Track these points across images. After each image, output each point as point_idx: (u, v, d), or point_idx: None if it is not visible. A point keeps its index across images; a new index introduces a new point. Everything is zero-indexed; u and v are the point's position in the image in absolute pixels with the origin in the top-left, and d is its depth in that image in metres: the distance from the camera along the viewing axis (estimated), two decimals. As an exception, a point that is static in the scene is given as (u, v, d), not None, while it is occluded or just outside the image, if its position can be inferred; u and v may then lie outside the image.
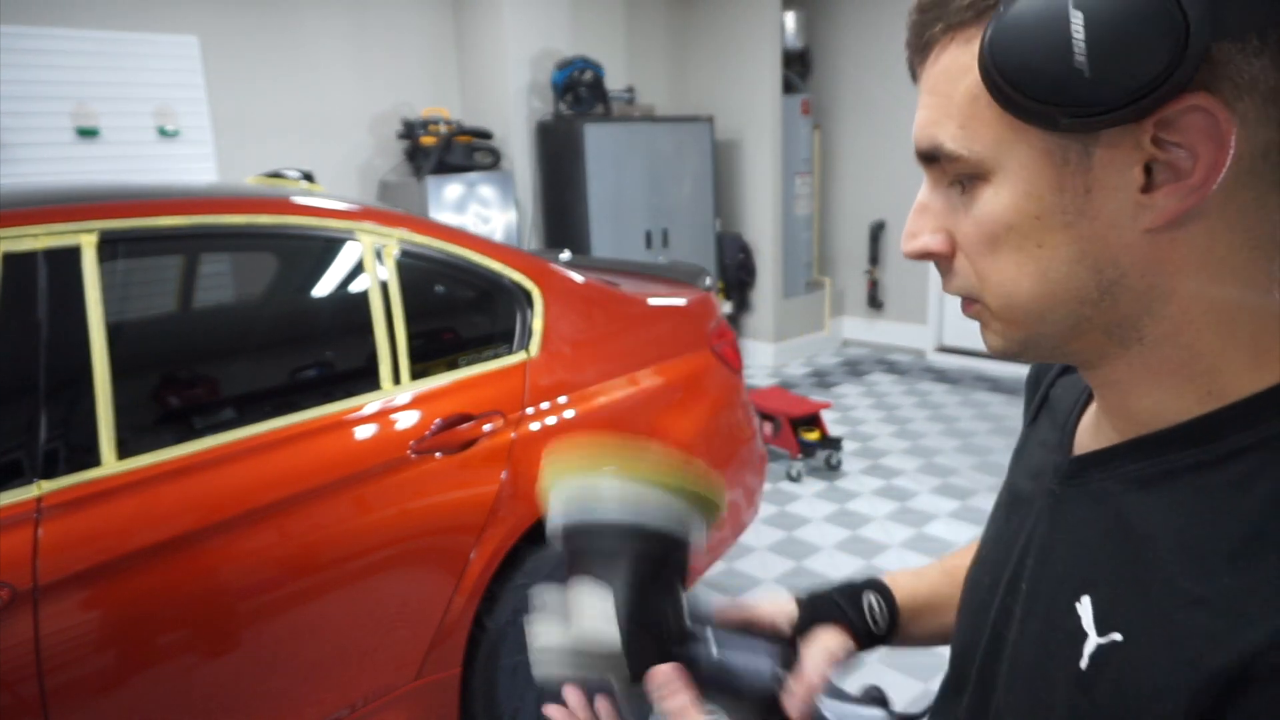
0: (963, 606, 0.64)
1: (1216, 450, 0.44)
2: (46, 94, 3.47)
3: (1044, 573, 0.52)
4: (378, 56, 4.44)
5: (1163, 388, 0.47)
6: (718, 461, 2.24)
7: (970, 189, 0.46)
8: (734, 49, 5.40)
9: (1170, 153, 0.41)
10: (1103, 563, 0.47)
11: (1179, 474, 0.45)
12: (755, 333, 5.75)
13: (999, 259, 0.46)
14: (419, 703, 1.72)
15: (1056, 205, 0.43)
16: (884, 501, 3.52)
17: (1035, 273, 0.45)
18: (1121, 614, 0.44)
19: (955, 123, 0.44)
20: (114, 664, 1.32)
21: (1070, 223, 0.43)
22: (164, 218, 1.46)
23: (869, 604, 0.72)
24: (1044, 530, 0.54)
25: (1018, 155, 0.43)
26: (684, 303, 2.28)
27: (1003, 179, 0.44)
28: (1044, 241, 0.44)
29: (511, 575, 1.81)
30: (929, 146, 0.46)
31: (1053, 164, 0.43)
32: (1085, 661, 0.45)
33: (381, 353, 1.68)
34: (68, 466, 1.30)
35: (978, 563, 0.64)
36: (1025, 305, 0.46)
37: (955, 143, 0.44)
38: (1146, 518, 0.46)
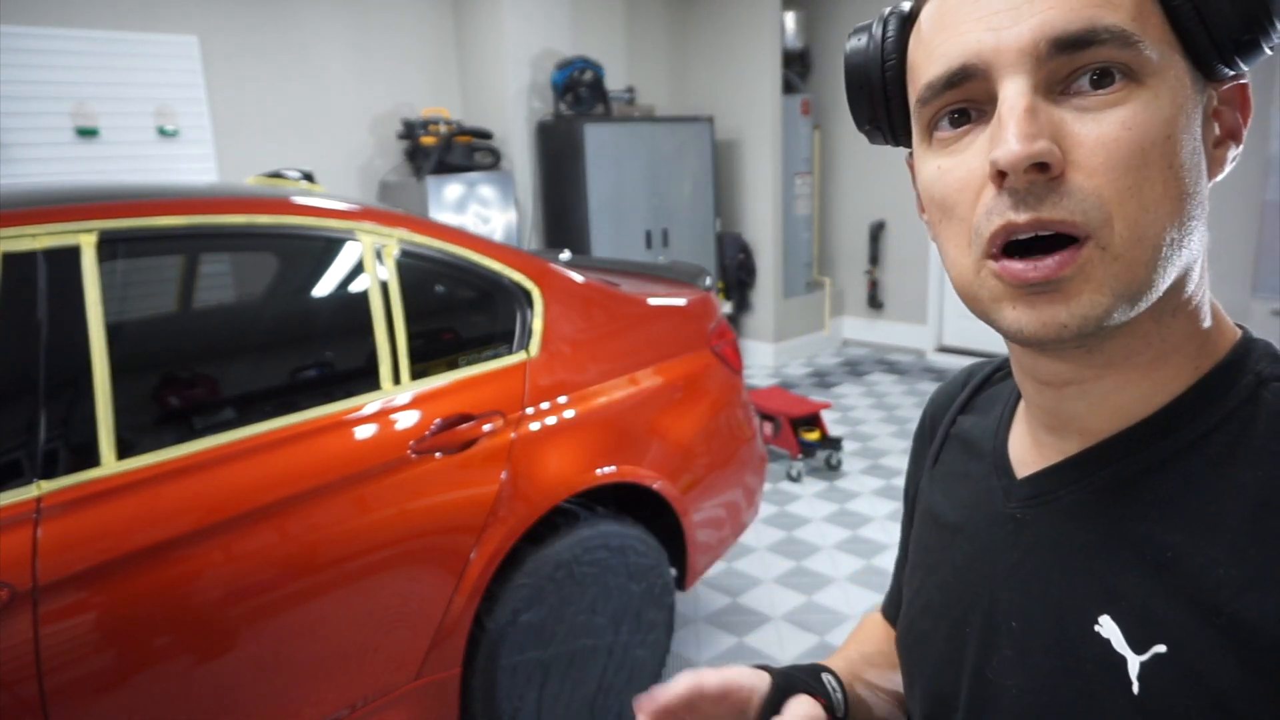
0: (916, 665, 0.59)
1: (1184, 437, 0.44)
2: (46, 94, 3.47)
3: (1032, 603, 0.49)
4: (378, 57, 4.44)
5: (1167, 369, 0.46)
6: (717, 461, 2.24)
7: (1118, 89, 0.41)
8: (734, 49, 5.40)
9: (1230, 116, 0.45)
10: (1110, 577, 0.45)
11: (1158, 467, 0.45)
12: (755, 333, 5.75)
13: (1148, 175, 0.41)
14: (419, 703, 1.72)
15: (1188, 129, 0.42)
16: (884, 501, 3.52)
17: (1179, 194, 0.41)
18: (1156, 623, 0.42)
19: (1125, 12, 0.41)
20: (114, 664, 1.32)
21: (1192, 151, 0.42)
22: (164, 218, 1.46)
23: (829, 681, 0.65)
24: (1015, 558, 0.50)
25: (1175, 66, 0.42)
26: (684, 303, 2.28)
27: (1161, 84, 0.41)
28: (1184, 163, 0.42)
29: (511, 575, 1.80)
30: (1087, 27, 0.40)
31: (1194, 91, 0.43)
32: (1137, 686, 0.42)
33: (381, 353, 1.68)
34: (67, 466, 1.30)
35: (921, 612, 0.59)
36: (1159, 236, 0.41)
37: (1134, 27, 0.40)
38: (1141, 519, 0.44)
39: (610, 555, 1.97)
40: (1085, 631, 0.45)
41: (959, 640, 0.53)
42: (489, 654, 1.79)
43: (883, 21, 0.50)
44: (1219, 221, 4.23)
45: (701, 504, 2.19)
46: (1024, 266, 0.42)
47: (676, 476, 2.10)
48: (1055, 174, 0.41)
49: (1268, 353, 0.46)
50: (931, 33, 0.45)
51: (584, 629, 1.97)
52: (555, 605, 1.89)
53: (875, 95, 0.51)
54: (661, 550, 2.11)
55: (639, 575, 2.06)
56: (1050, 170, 0.41)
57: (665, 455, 2.09)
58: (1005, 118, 0.41)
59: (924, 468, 0.65)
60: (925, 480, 0.64)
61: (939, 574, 0.58)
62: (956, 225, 0.45)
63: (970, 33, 0.43)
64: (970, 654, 0.52)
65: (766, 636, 2.59)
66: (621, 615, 2.05)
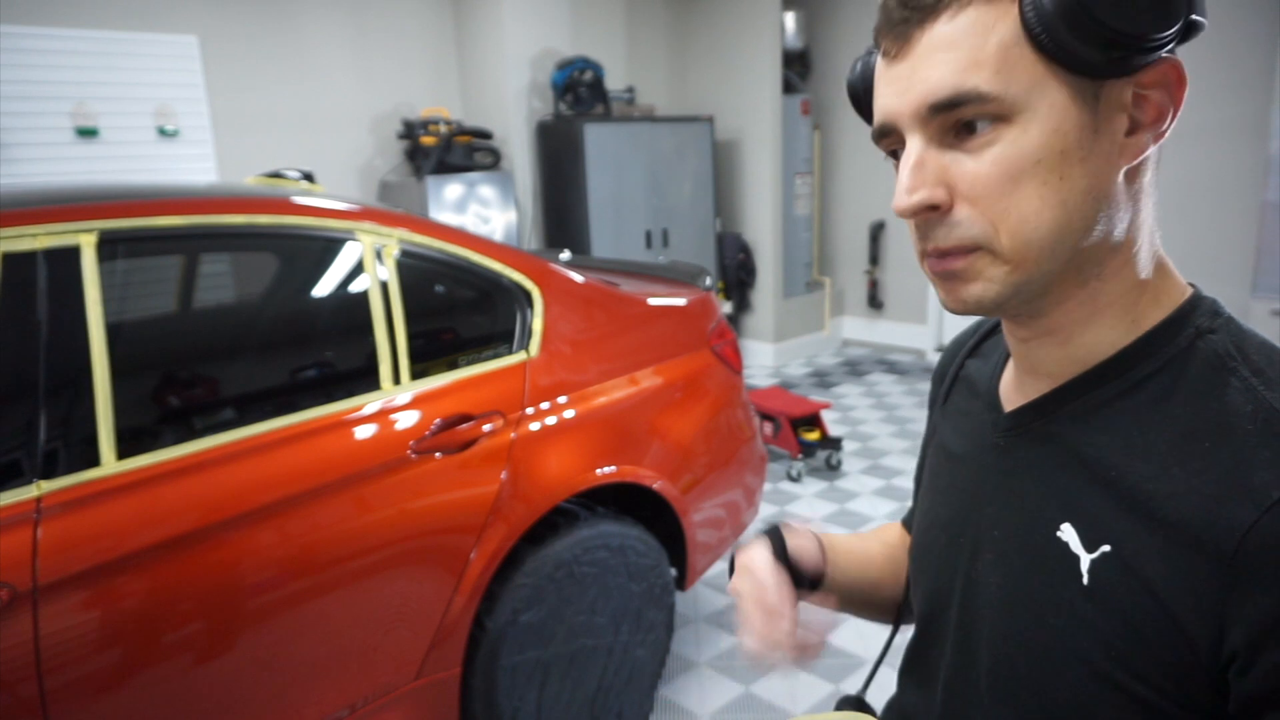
0: (921, 569, 0.71)
1: (1131, 378, 0.54)
2: (46, 94, 3.47)
3: (1010, 515, 0.59)
4: (378, 56, 4.44)
5: (1100, 324, 0.55)
6: (718, 461, 2.24)
7: (987, 133, 0.50)
8: (734, 49, 5.40)
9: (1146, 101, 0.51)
10: (1070, 492, 0.55)
11: (1109, 403, 0.55)
12: (755, 333, 5.75)
13: (1022, 194, 0.50)
14: (419, 703, 1.72)
15: (1077, 141, 0.50)
16: (884, 501, 3.52)
17: (1057, 203, 0.50)
18: (1103, 528, 0.52)
19: (989, 69, 0.49)
20: (114, 664, 1.32)
21: (1084, 157, 0.50)
22: (164, 218, 1.46)
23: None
24: (997, 479, 0.61)
25: (1049, 96, 0.49)
26: (684, 303, 2.28)
27: (1030, 118, 0.49)
28: (1065, 174, 0.50)
29: (511, 575, 1.80)
30: (952, 94, 0.50)
31: (1077, 104, 0.49)
32: (1086, 578, 0.53)
33: (381, 353, 1.68)
34: (67, 467, 1.30)
35: (928, 527, 0.70)
36: (1043, 238, 0.51)
37: (991, 85, 0.49)
38: (1093, 445, 0.55)
39: (610, 555, 1.97)
40: (1050, 536, 0.56)
41: (955, 548, 0.65)
42: (489, 654, 1.79)
43: (863, 60, 0.63)
44: (1219, 221, 4.23)
45: (701, 504, 2.19)
46: (935, 263, 0.55)
47: (676, 476, 2.10)
48: (945, 209, 0.52)
49: (1209, 309, 0.55)
50: (874, 86, 0.56)
51: (584, 629, 1.97)
52: (555, 605, 1.89)
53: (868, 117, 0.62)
54: (661, 550, 2.11)
55: (639, 575, 2.06)
56: (939, 208, 0.52)
57: (665, 455, 2.09)
58: (899, 173, 0.53)
59: (937, 406, 0.76)
60: (938, 416, 0.75)
61: (945, 495, 0.68)
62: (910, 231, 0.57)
63: (885, 96, 0.54)
64: (963, 558, 0.63)
65: (766, 636, 2.58)
66: (621, 615, 2.05)
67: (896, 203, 0.52)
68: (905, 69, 0.52)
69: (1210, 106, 4.10)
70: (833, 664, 2.43)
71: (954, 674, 0.64)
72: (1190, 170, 4.23)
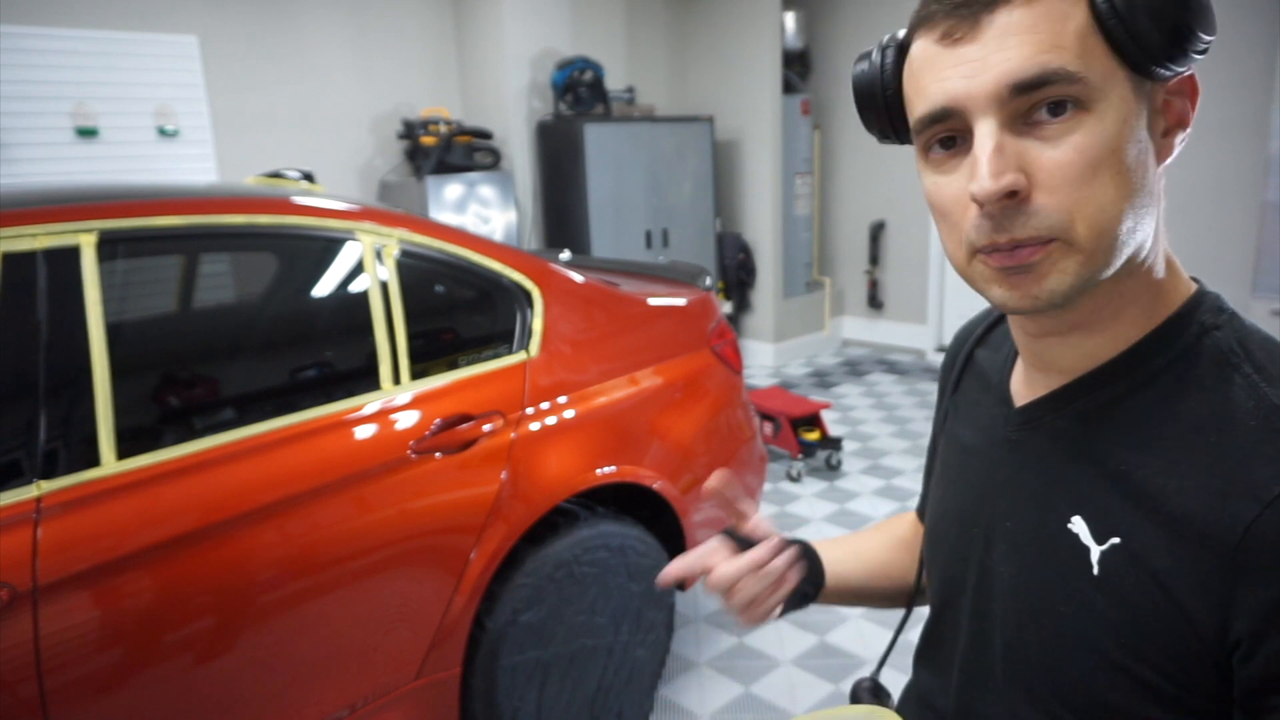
0: (935, 558, 0.73)
1: (1142, 374, 0.56)
2: (46, 94, 3.47)
3: (1022, 507, 0.61)
4: (378, 56, 4.44)
5: (1124, 319, 0.56)
6: (718, 461, 2.24)
7: (1069, 118, 0.50)
8: (734, 49, 5.40)
9: (1173, 106, 0.54)
10: (1080, 486, 0.57)
11: (1119, 399, 0.56)
12: (755, 333, 5.75)
13: (1099, 184, 0.51)
14: (419, 703, 1.72)
15: (1136, 136, 0.52)
16: (884, 501, 3.52)
17: (1126, 193, 0.52)
18: (1113, 521, 0.54)
19: (1070, 52, 0.50)
20: (114, 664, 1.32)
21: (1141, 152, 0.52)
22: (164, 218, 1.46)
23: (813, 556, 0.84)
24: (1009, 473, 0.63)
25: (1118, 88, 0.51)
26: (684, 303, 2.28)
27: (1107, 108, 0.51)
28: (1132, 166, 0.52)
29: (511, 575, 1.80)
30: (1039, 72, 0.50)
31: (1138, 99, 0.52)
32: (1096, 569, 0.54)
33: (381, 353, 1.68)
34: (67, 466, 1.30)
35: (940, 516, 0.72)
36: (1118, 228, 0.52)
37: (1077, 66, 0.50)
38: (1103, 439, 0.56)
39: (610, 555, 1.97)
40: (1061, 528, 0.57)
41: (968, 538, 0.66)
42: (489, 654, 1.79)
43: (882, 50, 0.61)
44: (1219, 221, 4.23)
45: (702, 504, 2.19)
46: (1003, 257, 0.53)
47: (676, 476, 2.10)
48: (1023, 197, 0.51)
49: (1213, 305, 0.57)
50: (920, 72, 0.55)
51: (584, 629, 1.97)
52: (555, 605, 1.89)
53: (881, 114, 0.62)
54: (661, 550, 2.11)
55: (639, 575, 2.06)
56: (1018, 195, 0.51)
57: (665, 455, 2.09)
58: (979, 156, 0.51)
59: (947, 394, 0.78)
60: (948, 404, 0.77)
61: (956, 486, 0.70)
62: (951, 227, 0.56)
63: (949, 79, 0.53)
64: (976, 549, 0.65)
65: (766, 637, 2.59)
66: (621, 615, 2.05)
67: (980, 188, 0.51)
68: (975, 50, 0.51)
69: (1210, 106, 4.10)
70: (832, 664, 2.43)
71: (969, 659, 0.66)
72: (1190, 170, 4.23)
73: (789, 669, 2.43)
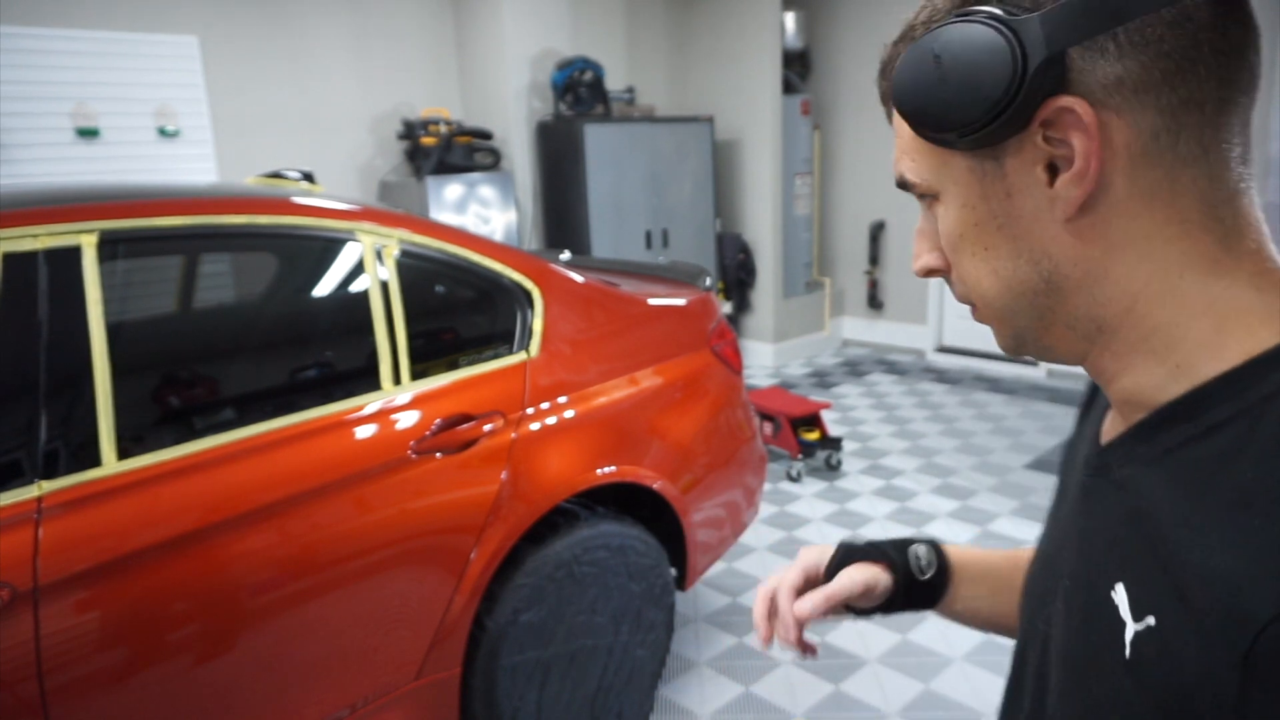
0: (1021, 608, 0.66)
1: (1200, 425, 0.47)
2: (46, 94, 3.48)
3: (1082, 565, 0.54)
4: (378, 56, 4.44)
5: (1133, 370, 0.51)
6: (717, 461, 2.25)
7: (932, 209, 0.54)
8: (734, 49, 5.40)
9: (1058, 149, 0.47)
10: (1128, 549, 0.49)
11: (1172, 452, 0.48)
12: (755, 333, 5.75)
13: (964, 264, 0.54)
14: (419, 703, 1.72)
15: (987, 211, 0.51)
16: (884, 501, 3.52)
17: (989, 272, 0.52)
18: (1151, 597, 0.46)
19: (908, 157, 0.54)
20: (114, 664, 1.32)
21: (1002, 224, 0.51)
22: (164, 218, 1.46)
23: (915, 552, 0.77)
24: (1081, 521, 0.56)
25: (950, 175, 0.52)
26: (684, 303, 2.28)
27: (947, 197, 0.52)
28: (988, 244, 0.52)
29: (512, 575, 1.81)
30: (898, 178, 0.55)
31: (975, 178, 0.51)
32: (1128, 650, 0.46)
33: (382, 353, 1.68)
34: (68, 467, 1.30)
35: (1034, 561, 0.66)
36: (994, 302, 0.53)
37: (910, 173, 0.54)
38: (1151, 497, 0.48)
39: (610, 555, 1.97)
40: (1105, 596, 0.50)
41: (1043, 589, 0.61)
42: (489, 654, 1.79)
43: None
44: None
45: (701, 504, 2.19)
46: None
47: (676, 476, 2.11)
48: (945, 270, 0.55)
49: None
50: None
51: (584, 629, 1.97)
52: (555, 605, 1.89)
53: None
54: (661, 550, 2.11)
55: (639, 575, 2.06)
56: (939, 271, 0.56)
57: (665, 455, 2.09)
58: None
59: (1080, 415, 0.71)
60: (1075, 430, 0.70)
61: (1049, 526, 0.65)
62: None
63: None
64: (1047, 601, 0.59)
65: (766, 636, 2.58)
66: (621, 615, 2.05)
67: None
68: None
69: (1210, 106, 4.10)
70: (833, 664, 2.43)
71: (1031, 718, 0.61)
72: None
73: (789, 669, 2.43)
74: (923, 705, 2.25)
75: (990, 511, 3.39)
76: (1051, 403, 4.75)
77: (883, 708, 2.25)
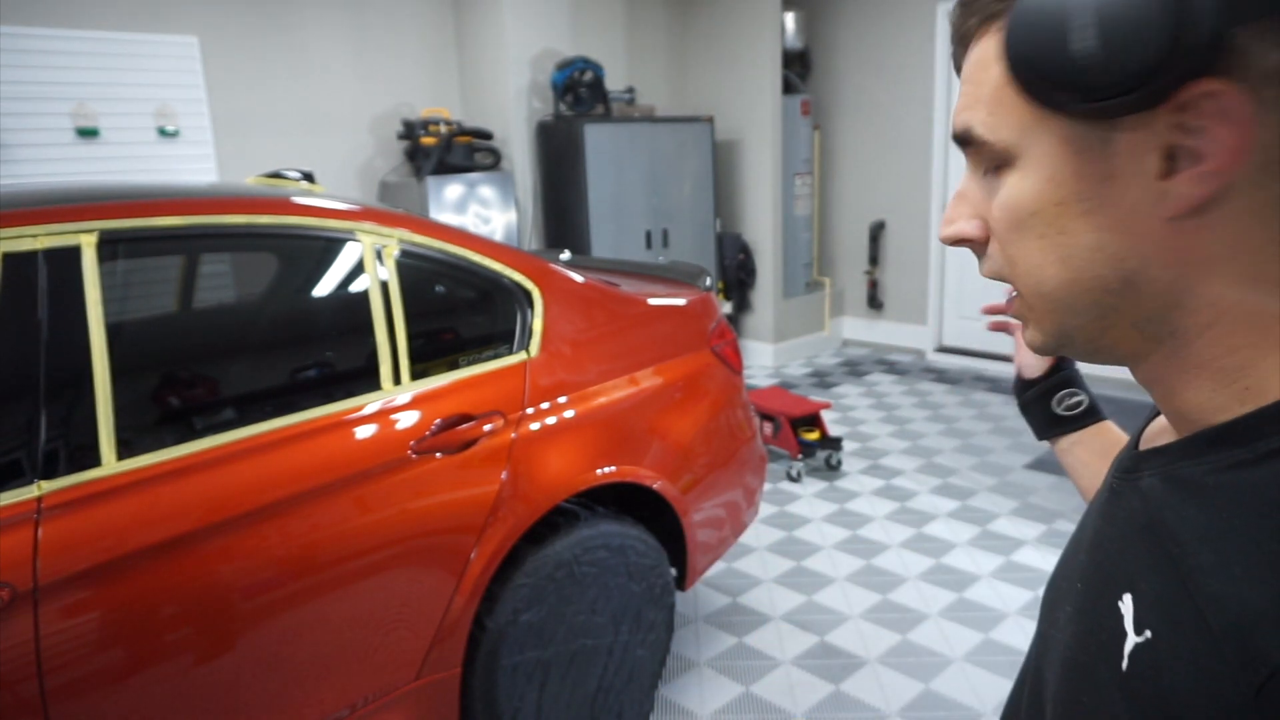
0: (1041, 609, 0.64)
1: (1254, 450, 0.43)
2: (46, 94, 3.47)
3: (1095, 570, 0.52)
4: (378, 56, 4.44)
5: (1198, 385, 0.47)
6: (717, 461, 2.25)
7: (998, 174, 0.47)
8: (734, 49, 5.40)
9: (1189, 138, 0.41)
10: (1142, 560, 0.47)
11: (1216, 473, 0.45)
12: (755, 333, 5.75)
13: (1024, 244, 0.47)
14: (419, 703, 1.72)
15: (1077, 192, 0.44)
16: (884, 501, 3.52)
17: (1058, 259, 0.46)
18: (1155, 612, 0.44)
19: (985, 109, 0.46)
20: (114, 664, 1.32)
21: (1091, 210, 0.44)
22: (164, 218, 1.46)
23: (1081, 399, 0.82)
24: (1099, 525, 0.54)
25: (1040, 142, 0.44)
26: (684, 303, 2.28)
27: (1027, 165, 0.45)
28: (1065, 228, 0.45)
29: (512, 575, 1.81)
30: (961, 130, 0.48)
31: (1073, 151, 0.44)
32: (1125, 663, 0.45)
33: (382, 353, 1.68)
34: (68, 467, 1.30)
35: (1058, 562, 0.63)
36: (1052, 293, 0.47)
37: (983, 128, 0.46)
38: (1175, 514, 0.46)
39: (610, 555, 1.97)
40: (1112, 605, 0.48)
41: (1059, 590, 0.59)
42: (489, 654, 1.79)
43: None
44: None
45: (701, 504, 2.19)
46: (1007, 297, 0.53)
47: (676, 476, 2.11)
48: (981, 242, 0.50)
49: None
50: None
51: (584, 629, 1.97)
52: (555, 605, 1.89)
53: None
54: (661, 550, 2.11)
55: (639, 575, 2.06)
56: (973, 242, 0.50)
57: (665, 455, 2.09)
58: None
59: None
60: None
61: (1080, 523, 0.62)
62: None
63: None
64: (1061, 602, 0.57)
65: (766, 636, 2.59)
66: (621, 615, 2.05)
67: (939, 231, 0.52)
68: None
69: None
70: (833, 664, 2.43)
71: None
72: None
73: (789, 669, 2.43)
74: (923, 705, 2.25)
75: (990, 511, 3.39)
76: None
77: (883, 708, 2.25)
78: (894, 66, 5.55)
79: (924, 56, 5.39)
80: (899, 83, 5.55)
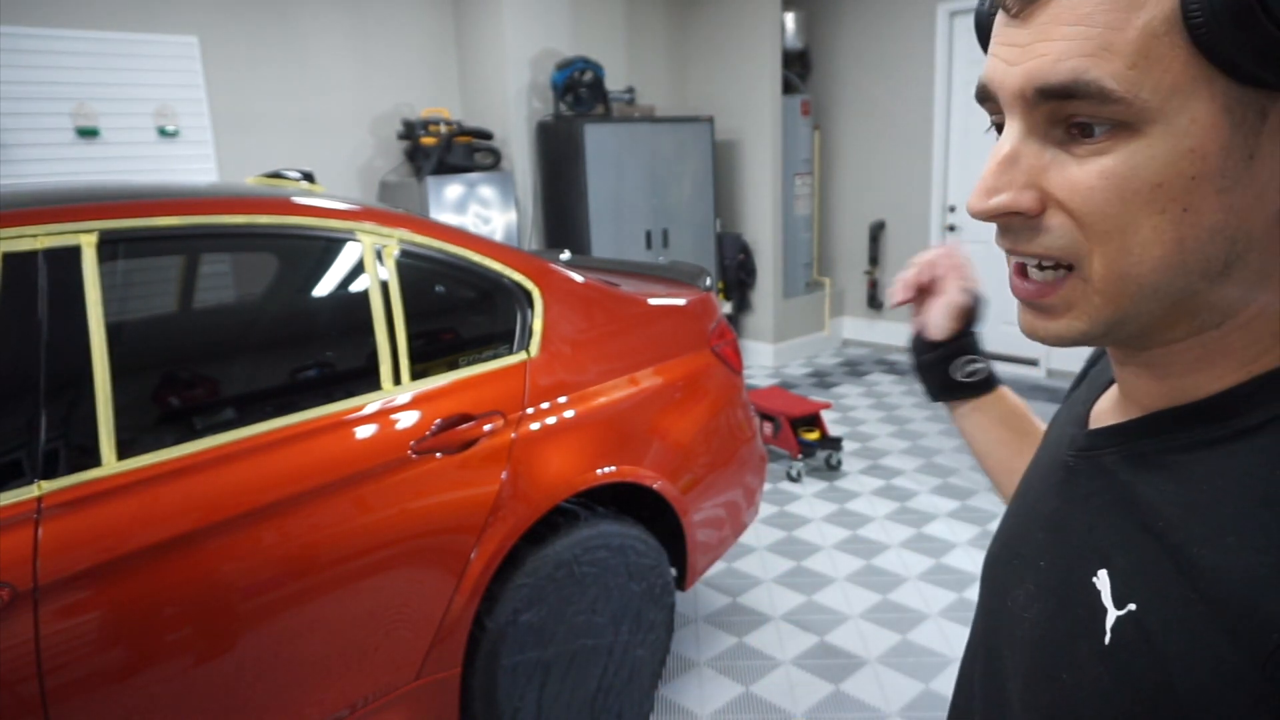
0: (981, 584, 0.63)
1: (1233, 426, 0.43)
2: (46, 94, 3.47)
3: (1058, 548, 0.51)
4: (378, 56, 4.44)
5: (1211, 370, 0.45)
6: (718, 461, 2.25)
7: (1105, 138, 0.40)
8: (734, 49, 5.40)
9: None
10: (1114, 536, 0.47)
11: (1194, 448, 0.45)
12: (755, 333, 5.75)
13: (1130, 221, 0.41)
14: (419, 703, 1.72)
15: (1219, 167, 0.39)
16: (884, 501, 3.52)
17: (1173, 239, 0.41)
18: (1136, 585, 0.44)
19: (1123, 60, 0.38)
20: (114, 664, 1.32)
21: (1225, 189, 0.40)
22: (164, 218, 1.46)
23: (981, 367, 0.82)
24: (1056, 504, 0.53)
25: (1191, 108, 0.39)
26: (684, 303, 2.28)
27: (1163, 132, 0.39)
28: (1193, 205, 0.40)
29: (512, 575, 1.81)
30: (1068, 80, 0.40)
31: (1228, 121, 0.39)
32: (1108, 636, 0.44)
33: (382, 353, 1.68)
34: (68, 467, 1.30)
35: (998, 533, 0.63)
36: (1146, 276, 0.42)
37: (1120, 82, 0.39)
38: (1154, 489, 0.46)
39: (610, 555, 1.97)
40: (1085, 581, 0.47)
41: (1008, 568, 0.57)
42: (489, 654, 1.79)
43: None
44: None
45: (701, 504, 2.19)
46: (1018, 284, 0.46)
47: (676, 476, 2.11)
48: (1033, 215, 0.43)
49: None
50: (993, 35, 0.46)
51: (584, 629, 1.97)
52: (555, 605, 1.89)
53: None
54: (661, 550, 2.11)
55: (639, 575, 2.06)
56: (1024, 215, 0.43)
57: (665, 455, 2.09)
58: (987, 164, 0.44)
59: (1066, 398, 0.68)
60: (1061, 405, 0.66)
61: (1016, 504, 0.61)
62: None
63: (994, 57, 0.44)
64: (1012, 580, 0.56)
65: (767, 636, 2.59)
66: (621, 615, 2.05)
67: (971, 202, 0.43)
68: (1024, 34, 0.42)
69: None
70: (832, 664, 2.43)
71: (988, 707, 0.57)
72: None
73: (789, 669, 2.43)
74: (923, 705, 2.25)
75: (990, 511, 3.38)
76: (1051, 403, 4.75)
77: (883, 708, 2.25)
78: (894, 66, 5.55)
79: (924, 56, 5.39)
80: (899, 83, 5.55)
